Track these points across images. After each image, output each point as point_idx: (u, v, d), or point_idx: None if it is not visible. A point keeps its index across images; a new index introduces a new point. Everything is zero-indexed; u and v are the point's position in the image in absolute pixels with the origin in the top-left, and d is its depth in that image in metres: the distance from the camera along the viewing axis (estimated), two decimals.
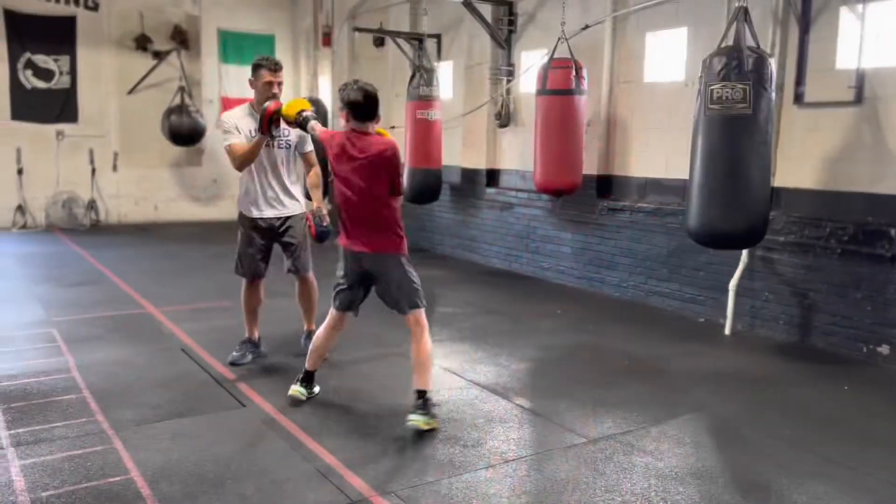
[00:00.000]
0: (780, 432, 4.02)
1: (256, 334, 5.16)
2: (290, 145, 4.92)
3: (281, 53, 13.35)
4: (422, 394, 3.97)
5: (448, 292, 7.45)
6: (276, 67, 4.89)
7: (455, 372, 4.97)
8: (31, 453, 3.56)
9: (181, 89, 11.95)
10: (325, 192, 4.97)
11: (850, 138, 5.55)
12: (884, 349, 5.31)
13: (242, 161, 4.79)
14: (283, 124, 4.69)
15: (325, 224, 4.78)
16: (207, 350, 5.29)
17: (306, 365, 4.34)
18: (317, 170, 5.03)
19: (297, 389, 4.31)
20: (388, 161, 3.95)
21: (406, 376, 4.86)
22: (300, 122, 4.46)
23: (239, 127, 4.84)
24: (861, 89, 5.41)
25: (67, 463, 3.47)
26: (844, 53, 5.54)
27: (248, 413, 4.17)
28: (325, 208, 4.88)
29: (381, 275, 4.06)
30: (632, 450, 3.76)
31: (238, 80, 12.99)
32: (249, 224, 5.06)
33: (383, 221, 4.00)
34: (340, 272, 4.18)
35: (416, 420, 3.87)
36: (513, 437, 3.92)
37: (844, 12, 5.49)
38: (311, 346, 4.38)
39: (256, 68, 4.89)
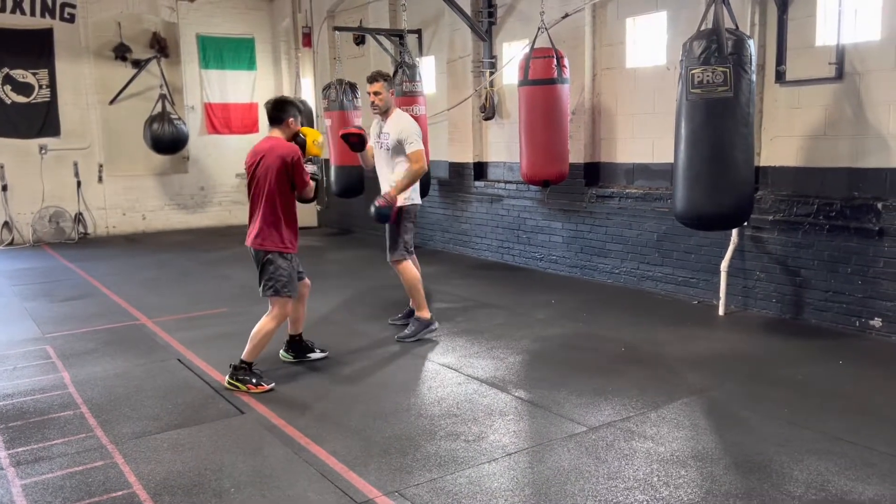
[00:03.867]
0: (778, 411, 4.05)
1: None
2: (388, 147, 5.50)
3: (261, 55, 13.33)
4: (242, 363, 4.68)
5: (442, 287, 7.46)
6: (370, 80, 5.54)
7: (453, 367, 4.98)
8: (32, 472, 3.55)
9: (162, 97, 11.89)
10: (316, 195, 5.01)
11: (832, 115, 5.58)
12: (876, 322, 5.35)
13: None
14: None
15: (377, 205, 5.34)
16: (204, 358, 5.28)
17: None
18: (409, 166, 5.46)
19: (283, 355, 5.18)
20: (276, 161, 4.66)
21: (404, 374, 4.87)
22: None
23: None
24: (841, 65, 5.44)
25: (68, 480, 3.46)
26: (823, 30, 5.57)
27: (247, 420, 4.16)
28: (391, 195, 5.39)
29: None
30: (632, 436, 3.78)
31: (220, 85, 12.95)
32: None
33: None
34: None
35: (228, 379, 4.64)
36: (513, 429, 3.93)
37: None
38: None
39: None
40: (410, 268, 5.65)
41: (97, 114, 11.99)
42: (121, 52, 12.08)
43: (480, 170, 9.07)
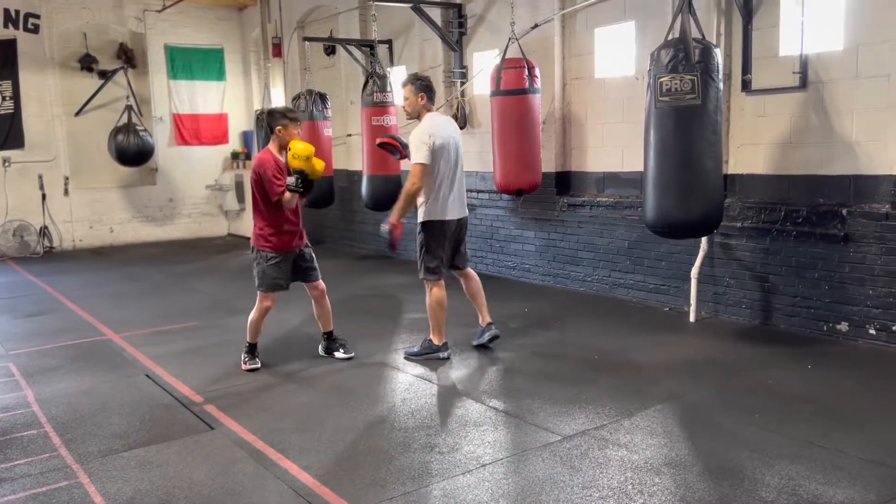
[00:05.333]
0: (749, 416, 4.08)
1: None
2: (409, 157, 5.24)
3: (231, 66, 13.24)
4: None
5: (416, 297, 7.42)
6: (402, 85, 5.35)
7: (426, 378, 4.95)
8: None
9: (128, 108, 11.74)
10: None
11: (797, 123, 5.67)
12: (843, 326, 5.43)
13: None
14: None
15: (382, 228, 5.21)
16: (173, 374, 5.19)
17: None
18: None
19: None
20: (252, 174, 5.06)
21: (377, 385, 4.83)
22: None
23: None
24: (805, 74, 5.54)
25: (31, 501, 3.36)
26: (787, 40, 5.66)
27: (217, 435, 4.09)
28: (394, 220, 5.12)
29: None
30: (606, 444, 3.78)
31: (189, 95, 12.82)
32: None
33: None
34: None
35: None
36: (488, 439, 3.91)
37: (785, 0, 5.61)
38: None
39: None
40: (433, 291, 5.25)
41: (63, 125, 11.79)
42: (87, 63, 11.90)
43: None
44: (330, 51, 11.07)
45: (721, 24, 5.95)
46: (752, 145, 5.98)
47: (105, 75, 12.03)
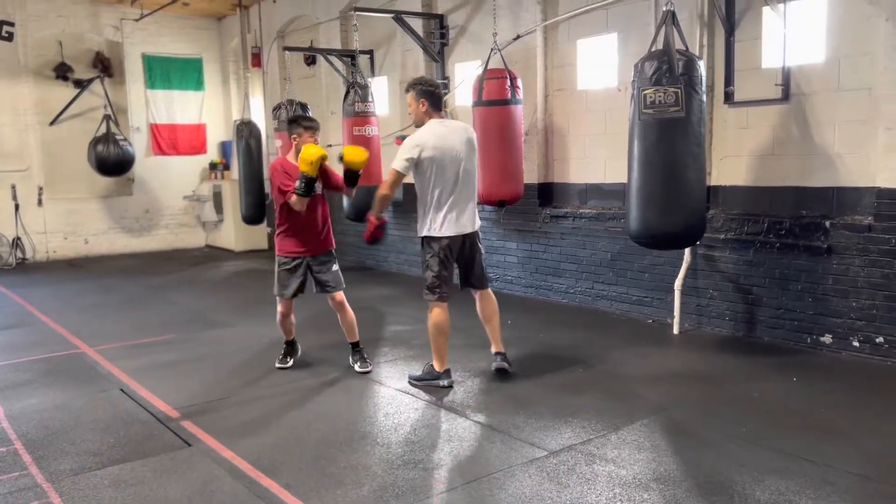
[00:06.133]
0: (737, 430, 4.04)
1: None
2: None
3: (209, 76, 13.12)
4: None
5: (396, 310, 7.34)
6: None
7: (410, 393, 4.86)
8: None
9: (107, 118, 11.56)
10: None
11: (780, 135, 5.69)
12: (826, 338, 5.43)
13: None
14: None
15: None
16: (149, 388, 5.05)
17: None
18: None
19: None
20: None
21: (359, 400, 4.73)
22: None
23: None
24: (787, 87, 5.56)
25: None
26: (769, 52, 5.69)
27: (194, 452, 3.97)
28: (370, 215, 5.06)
29: None
30: (593, 459, 3.72)
31: (167, 105, 12.67)
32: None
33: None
34: None
35: None
36: (473, 455, 3.83)
37: (767, 12, 5.64)
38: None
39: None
40: (432, 313, 4.86)
41: (37, 135, 11.58)
42: (62, 72, 11.70)
43: None
44: (310, 61, 11.00)
45: (704, 36, 5.96)
46: (734, 157, 5.99)
47: (81, 84, 11.83)
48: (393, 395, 4.81)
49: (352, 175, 5.10)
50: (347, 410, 4.55)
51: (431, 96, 4.83)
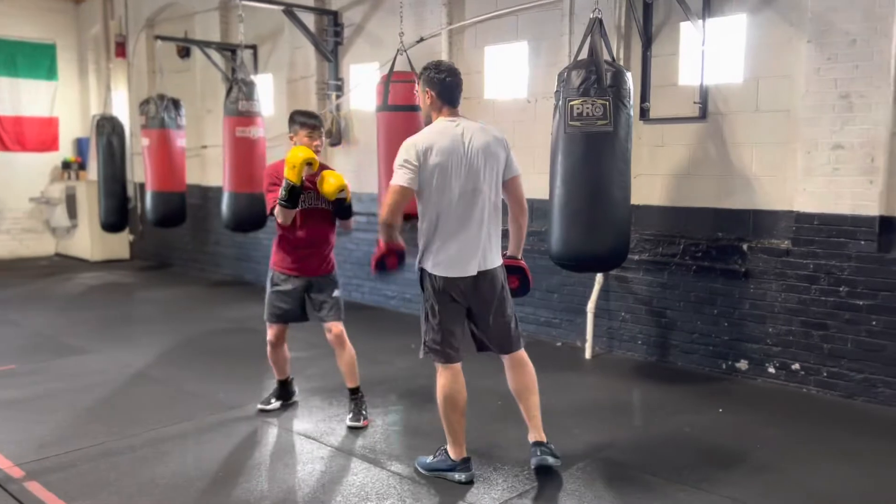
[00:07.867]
0: (679, 474, 3.70)
1: None
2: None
3: (64, 65, 11.75)
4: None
5: (290, 332, 6.61)
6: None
7: (312, 436, 4.21)
8: None
9: None
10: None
11: (697, 154, 5.53)
12: (742, 364, 5.30)
13: None
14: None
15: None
16: None
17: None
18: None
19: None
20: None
21: (252, 449, 4.02)
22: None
23: None
24: (705, 105, 5.41)
25: None
26: (687, 69, 5.52)
27: None
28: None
29: None
30: None
31: (12, 95, 11.20)
32: None
33: None
34: None
35: None
36: None
37: (686, 28, 5.47)
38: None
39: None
40: (440, 383, 3.64)
41: None
42: None
43: None
44: (184, 53, 10.01)
45: (620, 49, 5.72)
46: (649, 175, 5.79)
47: None
48: (293, 442, 4.15)
49: (336, 204, 4.35)
50: (237, 463, 3.86)
51: (441, 84, 3.63)
